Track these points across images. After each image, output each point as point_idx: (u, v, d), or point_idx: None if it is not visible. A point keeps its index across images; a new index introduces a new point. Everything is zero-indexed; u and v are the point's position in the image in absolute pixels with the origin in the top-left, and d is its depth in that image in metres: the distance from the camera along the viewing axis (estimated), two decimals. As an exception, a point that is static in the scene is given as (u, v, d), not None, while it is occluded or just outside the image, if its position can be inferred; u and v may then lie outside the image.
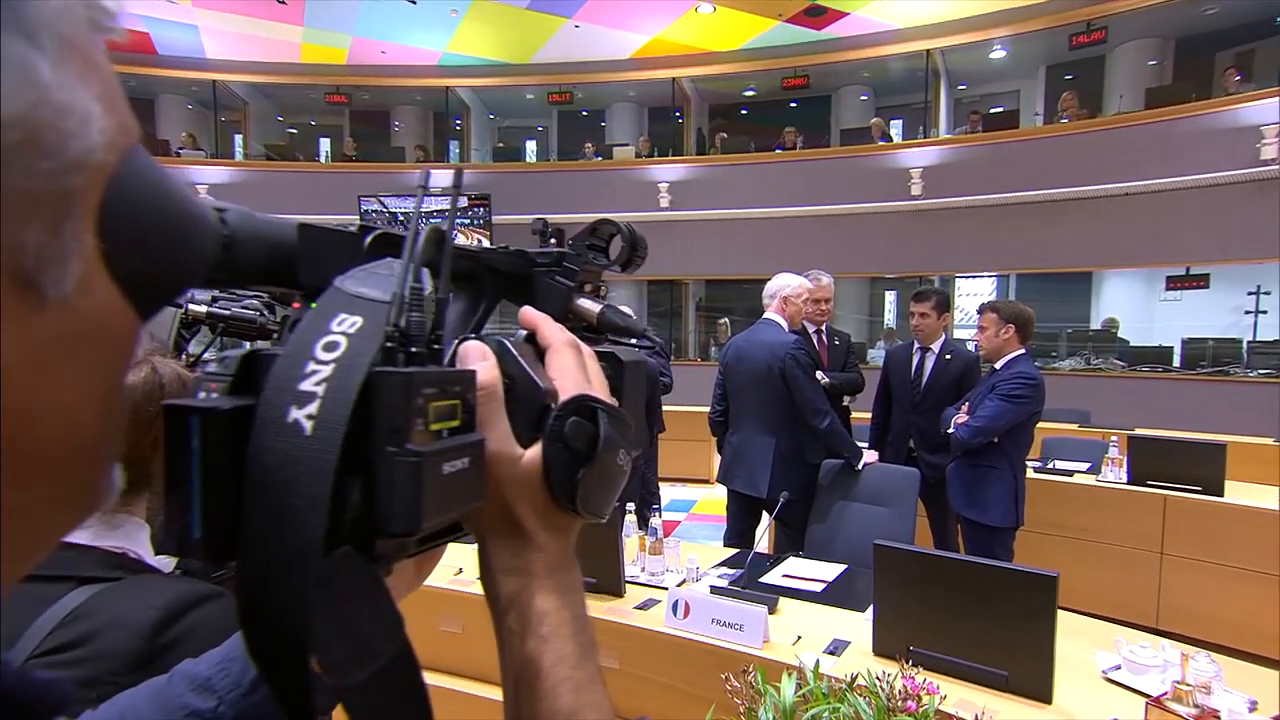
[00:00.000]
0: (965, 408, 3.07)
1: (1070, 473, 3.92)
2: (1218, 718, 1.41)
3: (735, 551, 2.62)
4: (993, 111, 9.18)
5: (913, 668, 1.33)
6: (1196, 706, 1.41)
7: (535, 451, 0.36)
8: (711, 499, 6.02)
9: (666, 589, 2.05)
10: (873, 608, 1.75)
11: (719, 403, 3.33)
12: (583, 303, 0.45)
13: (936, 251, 8.06)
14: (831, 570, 2.32)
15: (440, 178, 0.34)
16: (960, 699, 1.50)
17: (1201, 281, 7.29)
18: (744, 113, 11.72)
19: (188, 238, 0.23)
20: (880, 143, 8.69)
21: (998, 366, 3.08)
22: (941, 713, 1.33)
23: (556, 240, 0.47)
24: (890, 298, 10.93)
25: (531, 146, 12.48)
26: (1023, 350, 3.07)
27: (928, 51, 9.18)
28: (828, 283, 3.51)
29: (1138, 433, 4.38)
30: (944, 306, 3.45)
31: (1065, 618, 1.73)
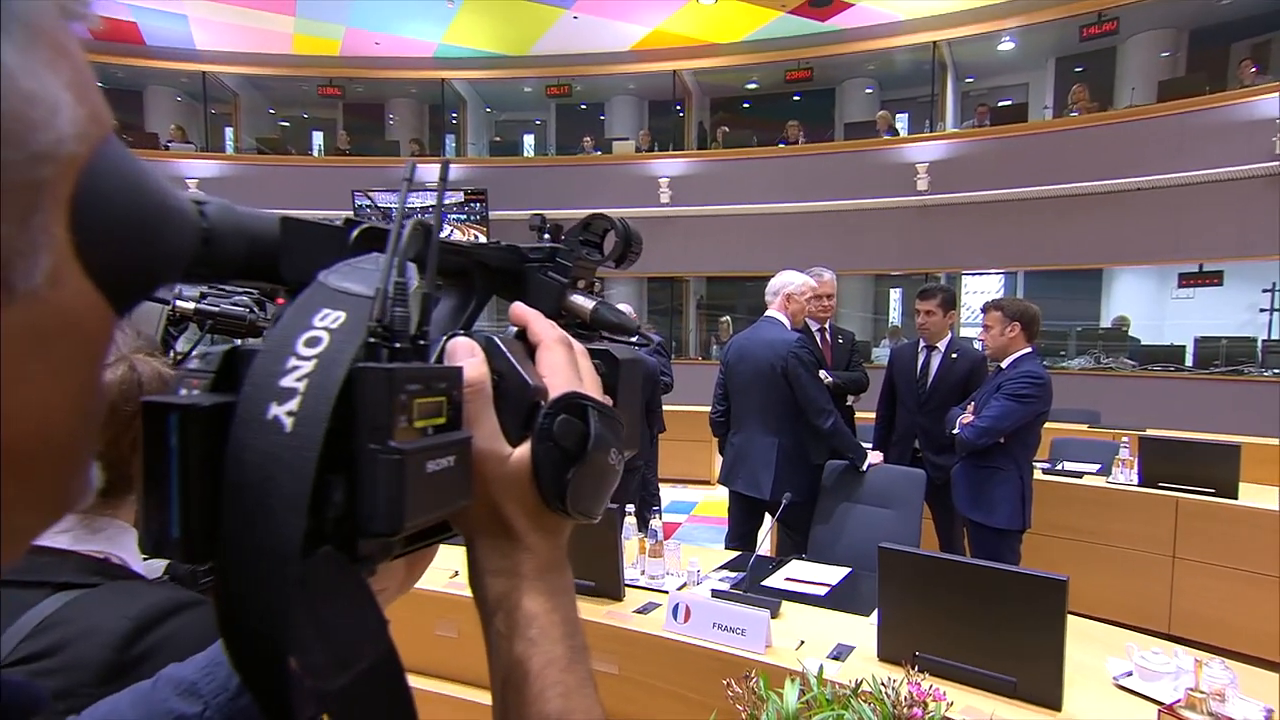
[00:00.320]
0: (971, 408, 3.03)
1: (1079, 474, 3.87)
2: (1233, 728, 1.38)
3: (737, 554, 2.60)
4: (1001, 105, 9.05)
5: (918, 673, 1.31)
6: (1211, 715, 1.39)
7: (524, 450, 0.35)
8: (713, 500, 5.99)
9: (667, 592, 2.03)
10: (877, 612, 1.74)
11: (720, 402, 3.31)
12: (576, 299, 0.45)
13: (942, 248, 7.99)
14: (835, 573, 2.30)
15: (428, 171, 0.33)
16: (967, 705, 1.49)
17: (1215, 279, 7.18)
18: (746, 106, 11.57)
19: (164, 231, 0.23)
20: (885, 137, 8.59)
21: (1004, 365, 3.05)
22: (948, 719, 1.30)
23: (553, 236, 0.47)
24: (895, 295, 10.87)
25: (529, 140, 12.32)
26: (1029, 349, 3.03)
27: (934, 43, 9.06)
28: (830, 279, 3.48)
29: (1149, 433, 4.32)
30: (950, 304, 3.42)
31: (1075, 623, 1.71)
